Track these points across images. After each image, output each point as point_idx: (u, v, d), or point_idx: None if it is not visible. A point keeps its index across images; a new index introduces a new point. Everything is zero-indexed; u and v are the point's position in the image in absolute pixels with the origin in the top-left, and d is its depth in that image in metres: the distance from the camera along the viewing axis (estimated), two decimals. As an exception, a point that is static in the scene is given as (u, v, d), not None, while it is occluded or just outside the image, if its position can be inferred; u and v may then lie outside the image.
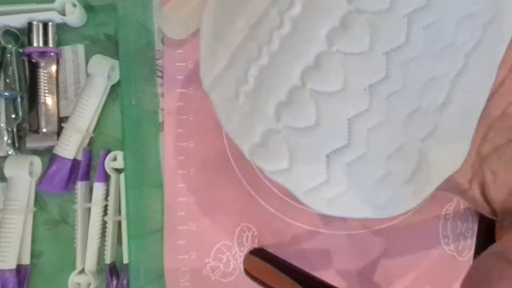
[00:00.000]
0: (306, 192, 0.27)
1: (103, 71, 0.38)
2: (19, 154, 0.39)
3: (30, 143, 0.38)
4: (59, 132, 0.38)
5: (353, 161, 0.27)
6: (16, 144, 0.39)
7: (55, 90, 0.39)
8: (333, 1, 0.26)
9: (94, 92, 0.38)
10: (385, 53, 0.26)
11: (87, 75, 0.39)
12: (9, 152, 0.38)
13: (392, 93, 0.26)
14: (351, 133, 0.26)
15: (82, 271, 0.37)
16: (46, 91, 0.39)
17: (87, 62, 0.40)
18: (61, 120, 0.39)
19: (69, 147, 0.37)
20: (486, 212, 0.28)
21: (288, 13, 0.27)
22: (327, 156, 0.27)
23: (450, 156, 0.27)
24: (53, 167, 0.38)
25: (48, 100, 0.39)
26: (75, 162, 0.38)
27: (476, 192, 0.27)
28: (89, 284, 0.37)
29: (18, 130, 0.39)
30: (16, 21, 0.39)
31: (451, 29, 0.26)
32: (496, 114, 0.27)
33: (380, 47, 0.26)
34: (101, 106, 0.39)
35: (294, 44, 0.27)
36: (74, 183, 0.38)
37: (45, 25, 0.39)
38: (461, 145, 0.27)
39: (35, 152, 0.39)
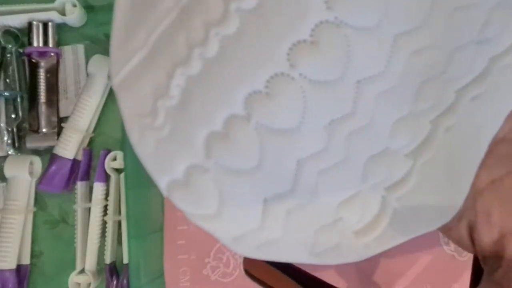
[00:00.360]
0: (235, 239, 0.22)
1: (103, 71, 0.38)
2: (19, 154, 0.39)
3: (30, 143, 0.38)
4: (59, 132, 0.38)
5: (294, 208, 0.22)
6: (16, 144, 0.39)
7: (55, 90, 0.39)
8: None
9: (94, 92, 0.38)
10: (356, 82, 0.19)
11: (87, 75, 0.39)
12: (9, 152, 0.38)
13: (354, 131, 0.20)
14: (297, 177, 0.21)
15: (82, 271, 0.37)
16: (46, 91, 0.39)
17: (87, 62, 0.40)
18: (61, 120, 0.39)
19: (69, 147, 0.37)
20: (469, 251, 0.25)
21: (238, 3, 0.18)
22: (265, 201, 0.21)
23: (427, 211, 0.22)
24: (53, 167, 0.38)
25: (48, 100, 0.39)
26: (75, 162, 0.38)
27: (462, 231, 0.23)
28: (89, 284, 0.37)
29: (18, 130, 0.39)
30: (16, 21, 0.39)
31: (443, 57, 0.20)
32: (497, 137, 0.22)
33: (352, 75, 0.19)
34: (101, 106, 0.39)
35: (241, 54, 0.18)
36: (74, 183, 0.38)
37: (45, 25, 0.39)
38: (446, 198, 0.22)
39: (35, 152, 0.39)
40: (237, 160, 0.20)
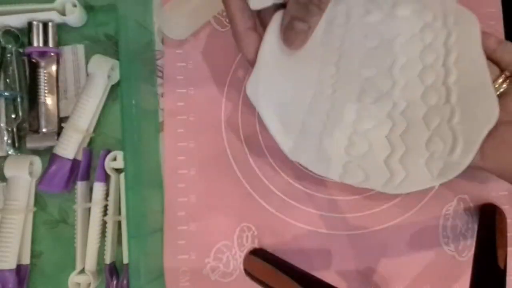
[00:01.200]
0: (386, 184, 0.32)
1: (103, 71, 0.38)
2: (19, 154, 0.39)
3: (30, 143, 0.38)
4: (59, 132, 0.38)
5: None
6: (16, 144, 0.39)
7: (55, 90, 0.39)
8: None
9: (94, 92, 0.38)
10: None
11: (87, 75, 0.39)
12: (9, 152, 0.38)
13: None
14: None
15: (82, 271, 0.37)
16: (46, 91, 0.39)
17: (87, 62, 0.40)
18: (61, 120, 0.39)
19: (69, 147, 0.37)
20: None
21: None
22: None
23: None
24: (53, 167, 0.38)
25: (48, 100, 0.39)
26: (75, 162, 0.38)
27: None
28: (89, 284, 0.37)
29: (18, 130, 0.39)
30: (16, 21, 0.39)
31: None
32: None
33: None
34: (101, 106, 0.39)
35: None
36: (74, 183, 0.38)
37: (45, 25, 0.39)
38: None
39: (35, 152, 0.39)
40: None
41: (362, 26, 0.34)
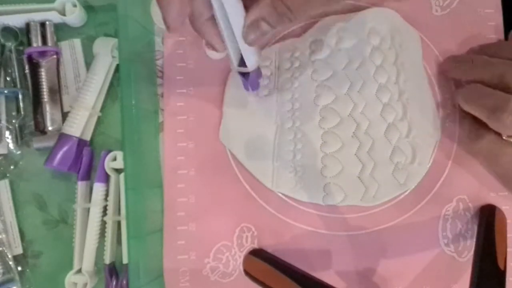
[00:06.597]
0: None
1: (106, 50, 0.39)
2: (19, 153, 0.39)
3: (37, 143, 0.38)
4: (63, 129, 0.38)
5: None
6: (19, 142, 0.39)
7: (57, 89, 0.39)
8: None
9: (99, 69, 0.38)
10: None
11: (87, 70, 0.39)
12: (11, 148, 0.39)
13: None
14: None
15: (79, 271, 0.37)
16: (48, 91, 0.39)
17: (85, 57, 0.40)
18: (65, 115, 0.39)
19: (76, 124, 0.38)
20: None
21: None
22: None
23: None
24: (60, 145, 0.37)
25: (51, 99, 0.39)
26: (81, 142, 0.38)
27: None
28: (86, 284, 0.37)
29: (20, 127, 0.39)
30: (16, 21, 0.39)
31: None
32: None
33: None
34: (106, 85, 0.39)
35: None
36: (81, 165, 0.38)
37: (43, 25, 0.39)
38: None
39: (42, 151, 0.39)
40: None
41: (310, 64, 0.37)
